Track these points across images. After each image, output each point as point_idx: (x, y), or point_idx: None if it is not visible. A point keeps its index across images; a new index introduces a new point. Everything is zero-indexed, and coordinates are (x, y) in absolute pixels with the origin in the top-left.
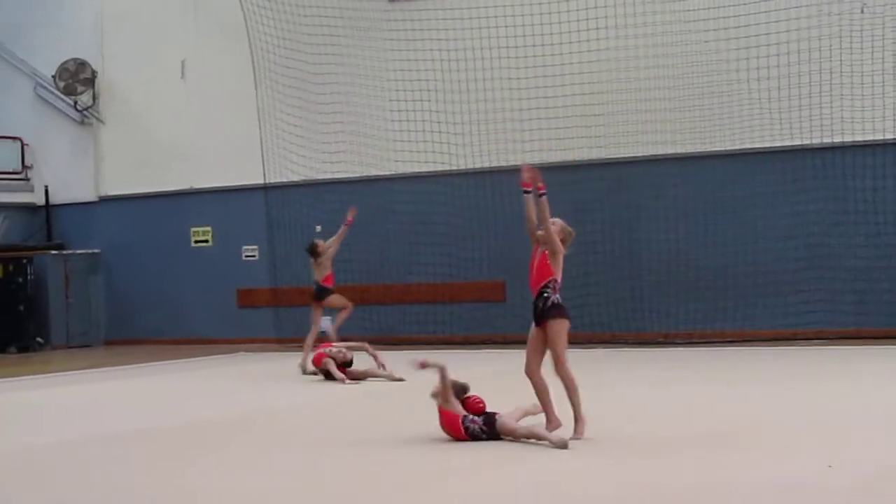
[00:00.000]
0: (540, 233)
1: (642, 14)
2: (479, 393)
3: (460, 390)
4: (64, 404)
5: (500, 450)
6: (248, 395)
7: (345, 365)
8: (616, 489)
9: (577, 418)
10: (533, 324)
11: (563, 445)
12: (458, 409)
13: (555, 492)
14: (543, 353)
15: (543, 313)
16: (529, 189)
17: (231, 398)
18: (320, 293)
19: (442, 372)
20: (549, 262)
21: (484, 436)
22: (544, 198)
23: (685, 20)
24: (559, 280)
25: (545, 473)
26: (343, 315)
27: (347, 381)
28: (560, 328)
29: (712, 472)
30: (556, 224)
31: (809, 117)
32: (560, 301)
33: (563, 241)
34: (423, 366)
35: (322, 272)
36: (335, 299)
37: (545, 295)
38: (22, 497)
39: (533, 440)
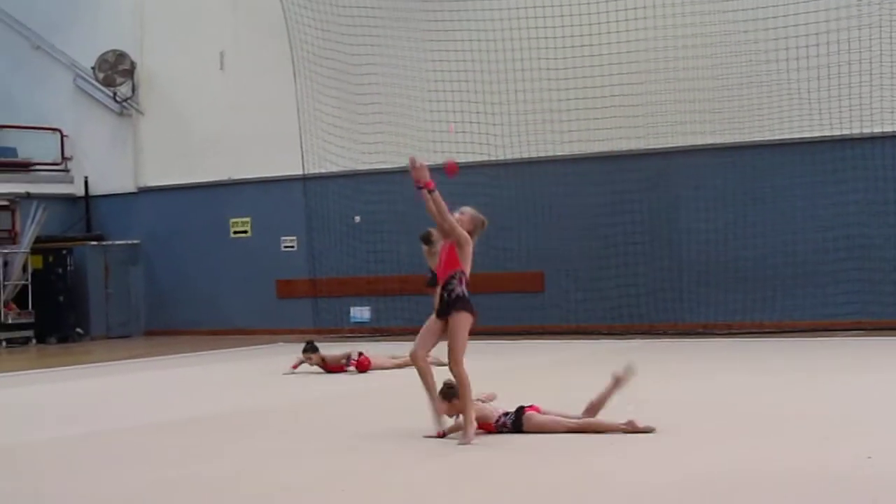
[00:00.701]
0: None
1: (681, 4)
2: (518, 384)
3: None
4: (109, 393)
5: (544, 443)
6: (291, 386)
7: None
8: (671, 478)
9: (467, 421)
10: (434, 314)
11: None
12: (485, 412)
13: (610, 482)
14: (435, 344)
15: (447, 306)
16: (422, 186)
17: (274, 388)
18: (433, 282)
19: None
20: (456, 253)
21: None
22: (436, 192)
23: (724, 10)
24: (467, 272)
25: (597, 465)
26: None
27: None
28: (462, 322)
29: (756, 460)
30: (465, 213)
31: (849, 107)
32: (466, 294)
33: (471, 231)
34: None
35: (435, 260)
36: None
37: (450, 287)
38: (85, 482)
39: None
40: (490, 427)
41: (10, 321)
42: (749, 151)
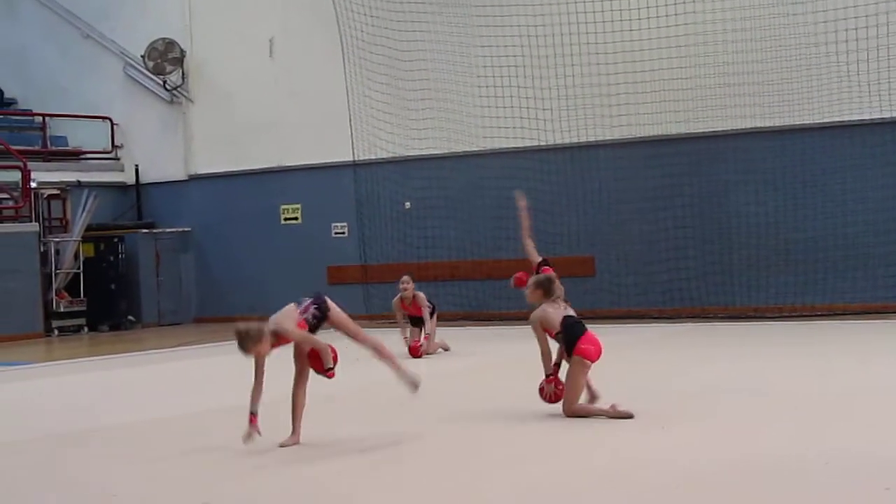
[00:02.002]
0: None
1: None
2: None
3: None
4: (165, 380)
5: (580, 430)
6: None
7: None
8: (717, 461)
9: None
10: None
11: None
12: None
13: (657, 468)
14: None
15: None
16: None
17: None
18: None
19: None
20: None
21: None
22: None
23: None
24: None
25: (638, 450)
26: None
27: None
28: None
29: (802, 445)
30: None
31: None
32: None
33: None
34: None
35: None
36: None
37: None
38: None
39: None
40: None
41: (62, 309)
42: (799, 134)
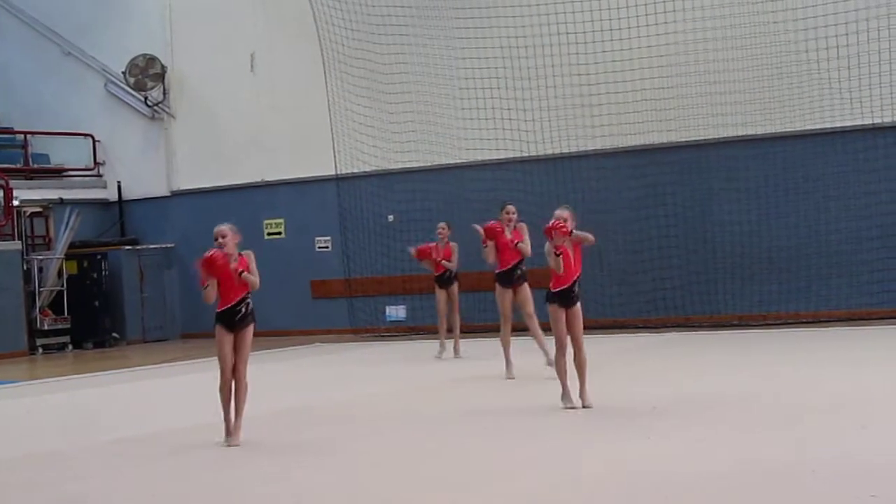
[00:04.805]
0: None
1: None
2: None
3: None
4: (152, 396)
5: (569, 439)
6: (330, 385)
7: None
8: (709, 469)
9: (237, 427)
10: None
11: None
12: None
13: (646, 477)
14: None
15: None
16: None
17: (314, 388)
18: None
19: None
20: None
21: None
22: None
23: (754, 0)
24: None
25: (627, 460)
26: None
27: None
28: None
29: (792, 450)
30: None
31: (880, 96)
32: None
33: None
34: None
35: None
36: None
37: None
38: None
39: None
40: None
41: (46, 327)
42: (781, 142)
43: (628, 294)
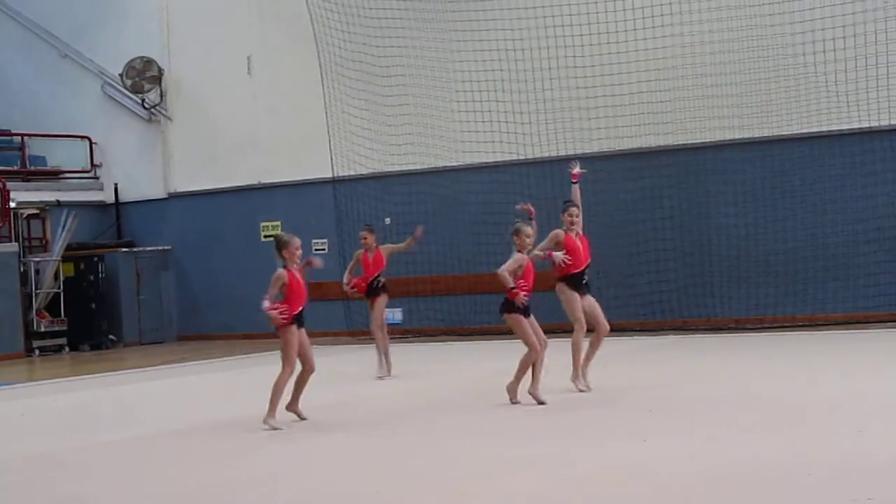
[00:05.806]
0: None
1: None
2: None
3: None
4: (148, 398)
5: (563, 440)
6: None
7: None
8: (712, 468)
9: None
10: None
11: None
12: None
13: (640, 478)
14: None
15: None
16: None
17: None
18: None
19: None
20: None
21: None
22: None
23: (750, 4)
24: None
25: (621, 461)
26: None
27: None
28: None
29: (789, 453)
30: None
31: (877, 99)
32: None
33: None
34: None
35: None
36: None
37: None
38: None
39: None
40: None
41: (42, 329)
42: (778, 145)
43: (625, 297)
